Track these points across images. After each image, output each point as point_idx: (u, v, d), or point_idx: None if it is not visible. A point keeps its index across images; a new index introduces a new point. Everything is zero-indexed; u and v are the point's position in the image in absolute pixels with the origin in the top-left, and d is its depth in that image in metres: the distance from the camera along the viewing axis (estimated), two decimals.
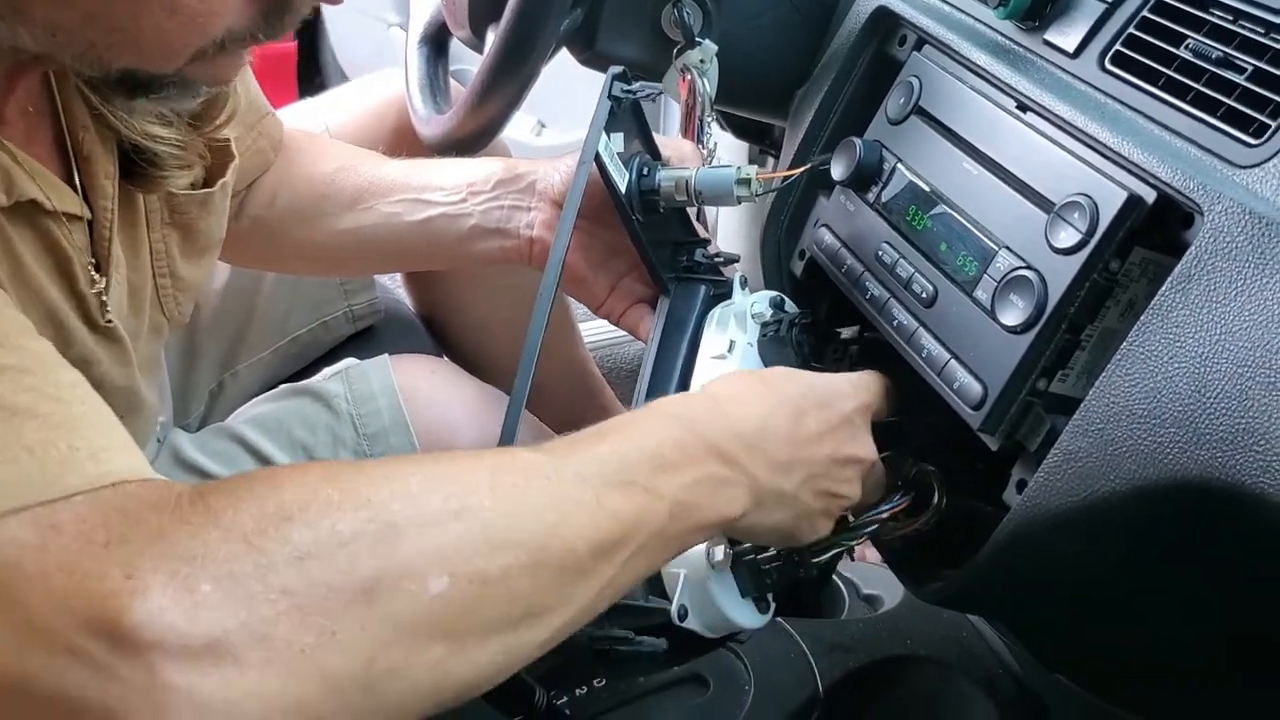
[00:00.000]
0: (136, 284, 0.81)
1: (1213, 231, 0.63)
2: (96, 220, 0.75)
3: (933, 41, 0.88)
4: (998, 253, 0.75)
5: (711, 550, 0.73)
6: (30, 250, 0.68)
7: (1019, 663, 1.07)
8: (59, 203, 0.70)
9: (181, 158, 0.77)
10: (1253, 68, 0.67)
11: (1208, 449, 0.61)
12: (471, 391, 1.06)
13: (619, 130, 0.86)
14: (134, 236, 0.80)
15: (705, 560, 0.73)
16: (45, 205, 0.69)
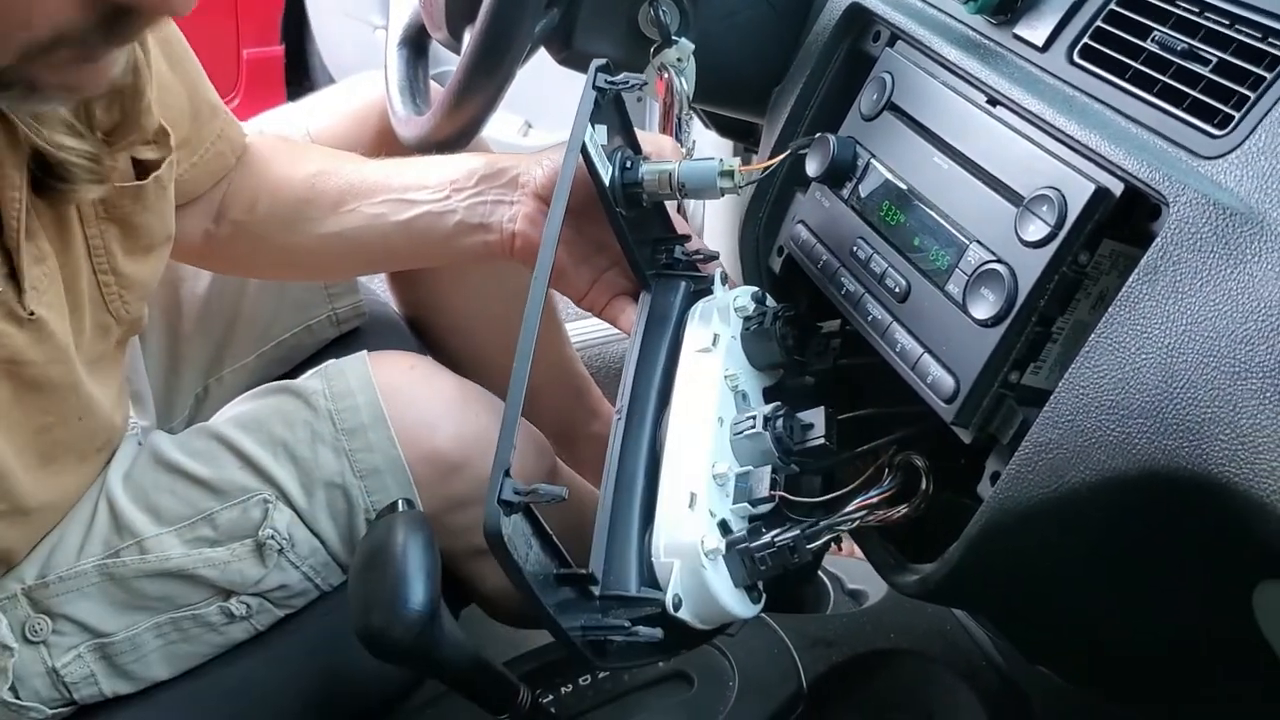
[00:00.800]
0: (69, 278, 0.81)
1: (1178, 223, 0.63)
2: (5, 228, 0.74)
3: (905, 37, 0.88)
4: (969, 246, 0.75)
5: (705, 539, 0.74)
6: None
7: (1001, 655, 1.07)
8: None
9: (94, 170, 0.76)
10: (1217, 59, 0.68)
11: (1175, 438, 0.62)
12: (450, 388, 1.06)
13: (602, 123, 0.86)
14: (63, 230, 0.79)
15: (699, 550, 0.73)
16: None
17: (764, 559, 0.76)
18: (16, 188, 0.74)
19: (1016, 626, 0.90)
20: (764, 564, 0.76)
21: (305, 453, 0.99)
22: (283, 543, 0.97)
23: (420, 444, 1.01)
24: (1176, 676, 0.88)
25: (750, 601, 0.78)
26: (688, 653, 0.82)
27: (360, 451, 1.00)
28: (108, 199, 0.83)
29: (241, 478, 0.97)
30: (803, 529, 0.77)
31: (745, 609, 0.77)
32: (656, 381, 0.86)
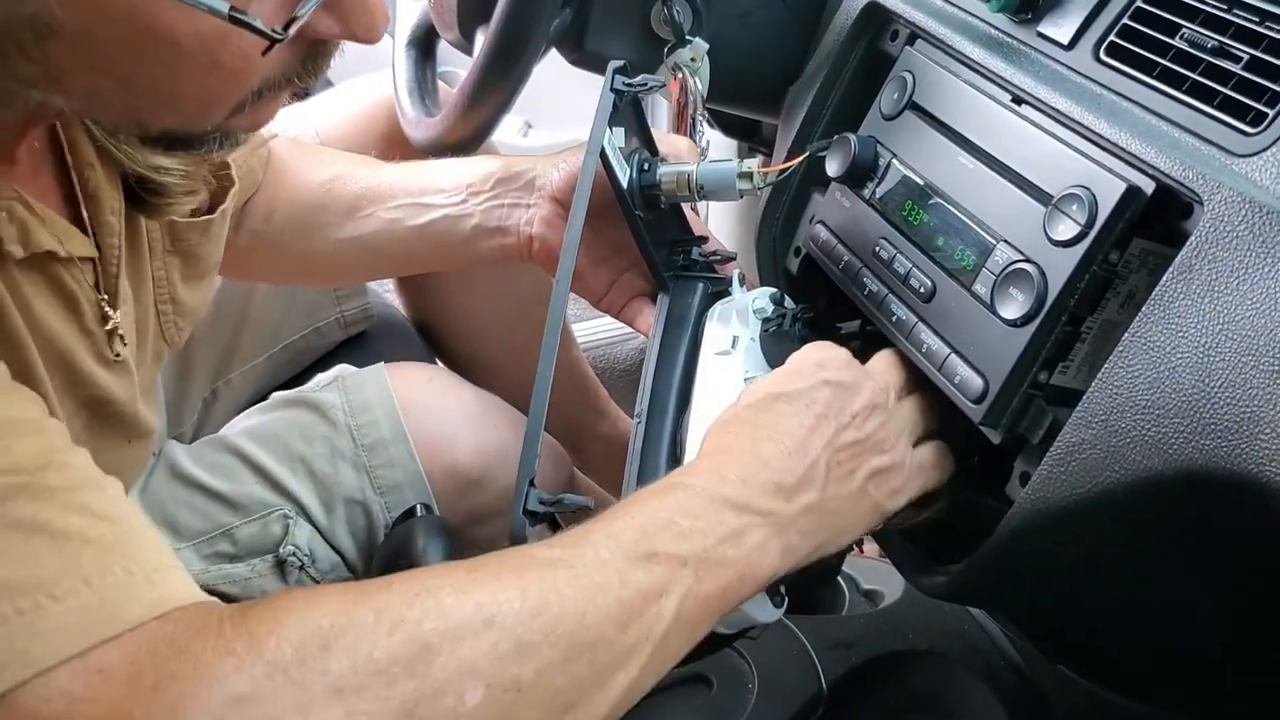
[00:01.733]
0: (140, 314, 0.81)
1: (1213, 221, 0.63)
2: (104, 257, 0.74)
3: (925, 36, 0.88)
4: (996, 246, 0.75)
5: None
6: (41, 295, 0.68)
7: (1020, 654, 1.07)
8: (71, 248, 0.69)
9: (187, 185, 0.76)
10: (1249, 56, 0.67)
11: (1213, 438, 0.61)
12: (470, 400, 1.06)
13: (619, 125, 0.86)
14: (138, 268, 0.80)
15: None
16: (59, 254, 0.68)
17: None
18: (116, 214, 0.74)
19: (1040, 626, 0.90)
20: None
21: (325, 468, 0.98)
22: (304, 559, 0.96)
23: (441, 458, 1.00)
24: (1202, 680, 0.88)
25: (773, 606, 0.77)
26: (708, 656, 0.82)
27: (381, 467, 0.99)
28: (177, 232, 0.83)
29: (260, 493, 0.97)
30: None
31: (767, 613, 0.76)
32: (676, 384, 0.86)
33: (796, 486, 0.68)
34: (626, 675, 0.57)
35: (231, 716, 0.47)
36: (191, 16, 0.53)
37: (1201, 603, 0.77)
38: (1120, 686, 0.93)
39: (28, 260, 0.66)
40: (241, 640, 0.49)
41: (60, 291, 0.70)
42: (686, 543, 0.61)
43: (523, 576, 0.56)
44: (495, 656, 0.52)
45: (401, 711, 0.49)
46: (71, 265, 0.70)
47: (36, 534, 0.51)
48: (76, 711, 0.47)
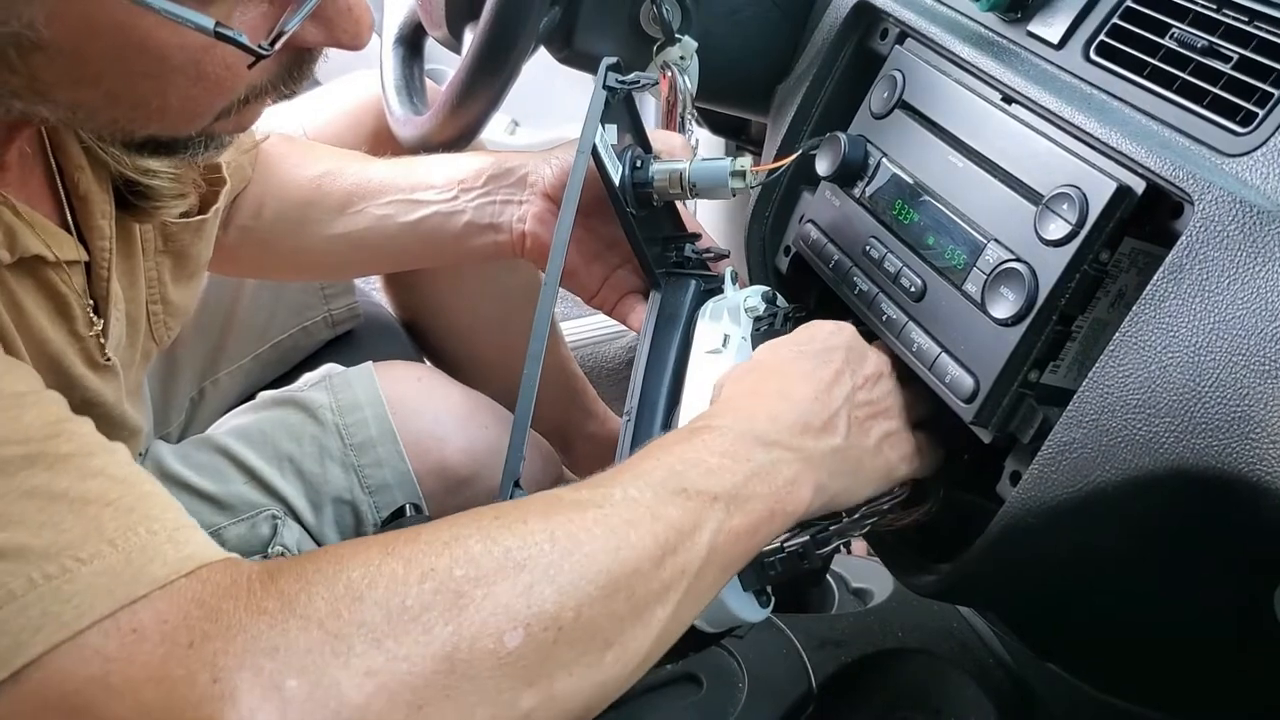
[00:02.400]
0: (133, 315, 0.81)
1: (1204, 221, 0.63)
2: (94, 261, 0.74)
3: (915, 35, 0.88)
4: (986, 245, 0.75)
5: None
6: (31, 299, 0.68)
7: (1009, 652, 1.07)
8: (60, 252, 0.69)
9: (176, 188, 0.76)
10: (1238, 56, 0.68)
11: (1203, 437, 0.62)
12: (458, 399, 1.05)
13: (612, 122, 0.86)
14: (131, 269, 0.79)
15: None
16: (48, 258, 0.68)
17: (774, 564, 0.76)
18: (106, 218, 0.74)
19: (1029, 624, 0.90)
20: (774, 569, 0.76)
21: (313, 468, 0.98)
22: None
23: (429, 457, 1.00)
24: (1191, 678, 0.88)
25: (759, 605, 0.77)
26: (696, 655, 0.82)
27: (369, 467, 0.99)
28: (169, 232, 0.83)
29: (248, 493, 0.96)
30: (813, 534, 0.76)
31: (754, 613, 0.77)
32: (666, 382, 0.86)
33: (823, 429, 0.70)
34: (665, 610, 0.57)
35: (271, 670, 0.47)
36: (178, 31, 0.52)
37: (1191, 601, 0.77)
38: (1109, 684, 0.94)
39: (17, 264, 0.66)
40: (273, 599, 0.49)
41: (51, 295, 0.70)
42: (716, 479, 0.62)
43: (550, 519, 0.56)
44: (530, 598, 0.52)
45: (441, 656, 0.50)
46: (61, 269, 0.70)
47: (55, 500, 0.50)
48: (113, 671, 0.47)
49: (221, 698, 0.46)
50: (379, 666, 0.48)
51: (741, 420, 0.68)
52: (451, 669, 0.49)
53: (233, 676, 0.46)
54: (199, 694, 0.46)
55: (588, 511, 0.57)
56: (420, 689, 0.49)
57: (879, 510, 0.79)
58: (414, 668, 0.49)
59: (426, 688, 0.49)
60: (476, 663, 0.50)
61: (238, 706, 0.46)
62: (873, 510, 0.79)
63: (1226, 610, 0.77)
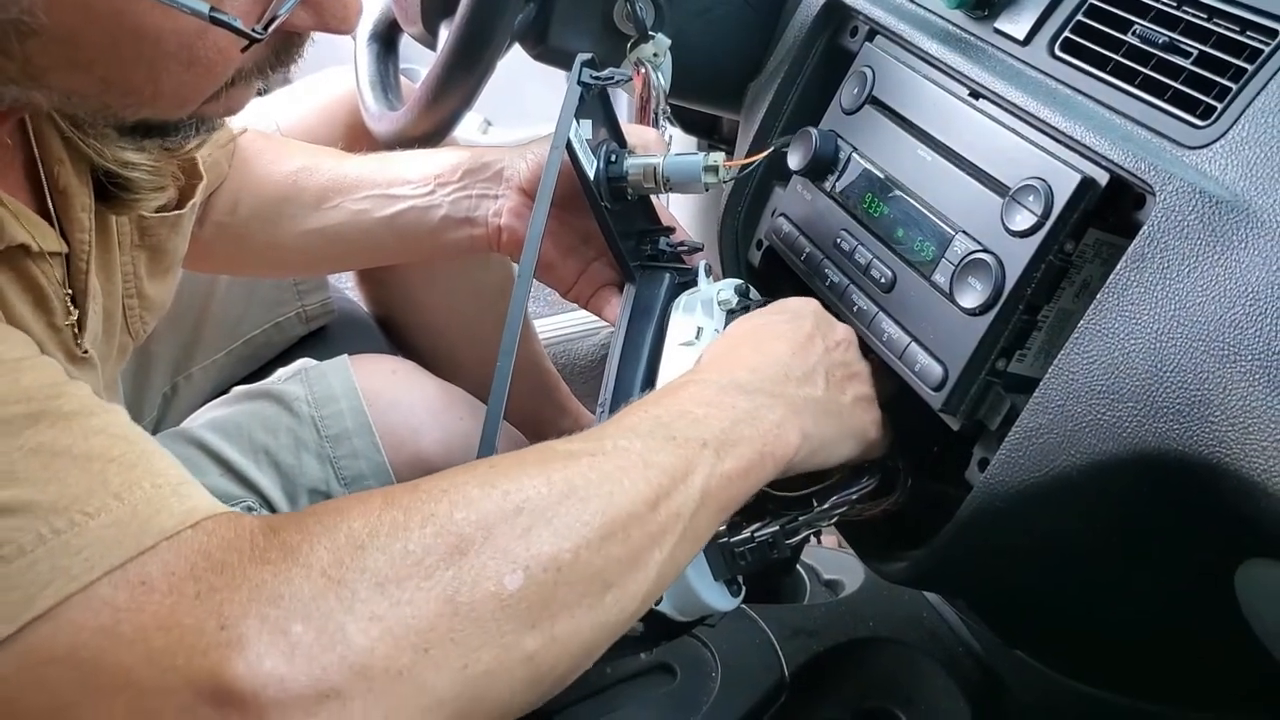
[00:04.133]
0: (110, 309, 0.81)
1: (1165, 211, 0.65)
2: (73, 253, 0.74)
3: (884, 32, 0.90)
4: (954, 237, 0.76)
5: None
6: (13, 289, 0.68)
7: (979, 641, 1.09)
8: (43, 243, 0.69)
9: (155, 181, 0.76)
10: (1198, 52, 0.69)
11: (1165, 421, 0.63)
12: (434, 391, 1.06)
13: (587, 117, 0.86)
14: (108, 263, 0.79)
15: None
16: (32, 248, 0.68)
17: (744, 554, 0.77)
18: (86, 210, 0.74)
19: (997, 611, 0.92)
20: (744, 558, 0.77)
21: (289, 460, 0.98)
22: None
23: (405, 449, 1.00)
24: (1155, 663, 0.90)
25: (730, 595, 0.78)
26: (669, 644, 0.83)
27: (345, 458, 0.99)
28: (146, 226, 0.83)
29: (224, 485, 0.96)
30: (782, 524, 0.77)
31: (725, 602, 0.77)
32: (640, 375, 0.86)
33: (802, 379, 0.72)
34: (662, 553, 0.59)
35: (277, 617, 0.48)
36: (172, 16, 0.53)
37: (1155, 585, 0.79)
38: (1076, 670, 0.95)
39: (1, 255, 0.66)
40: (276, 550, 0.50)
41: (31, 287, 0.70)
42: (703, 426, 0.64)
43: (546, 466, 0.58)
44: (529, 540, 0.53)
45: (444, 598, 0.50)
46: (42, 260, 0.70)
47: (60, 456, 0.51)
48: (122, 621, 0.47)
49: (229, 644, 0.47)
50: (383, 611, 0.49)
51: (723, 373, 0.70)
52: (455, 611, 0.50)
53: (240, 624, 0.47)
54: (207, 641, 0.47)
55: (581, 459, 0.59)
56: (424, 632, 0.49)
57: (848, 500, 0.80)
58: (417, 611, 0.50)
59: (430, 630, 0.50)
60: (479, 605, 0.51)
61: (245, 652, 0.46)
62: (842, 499, 0.80)
63: (1190, 594, 0.79)
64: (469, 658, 0.50)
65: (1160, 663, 0.89)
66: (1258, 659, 0.75)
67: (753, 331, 0.76)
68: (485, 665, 0.51)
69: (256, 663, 0.46)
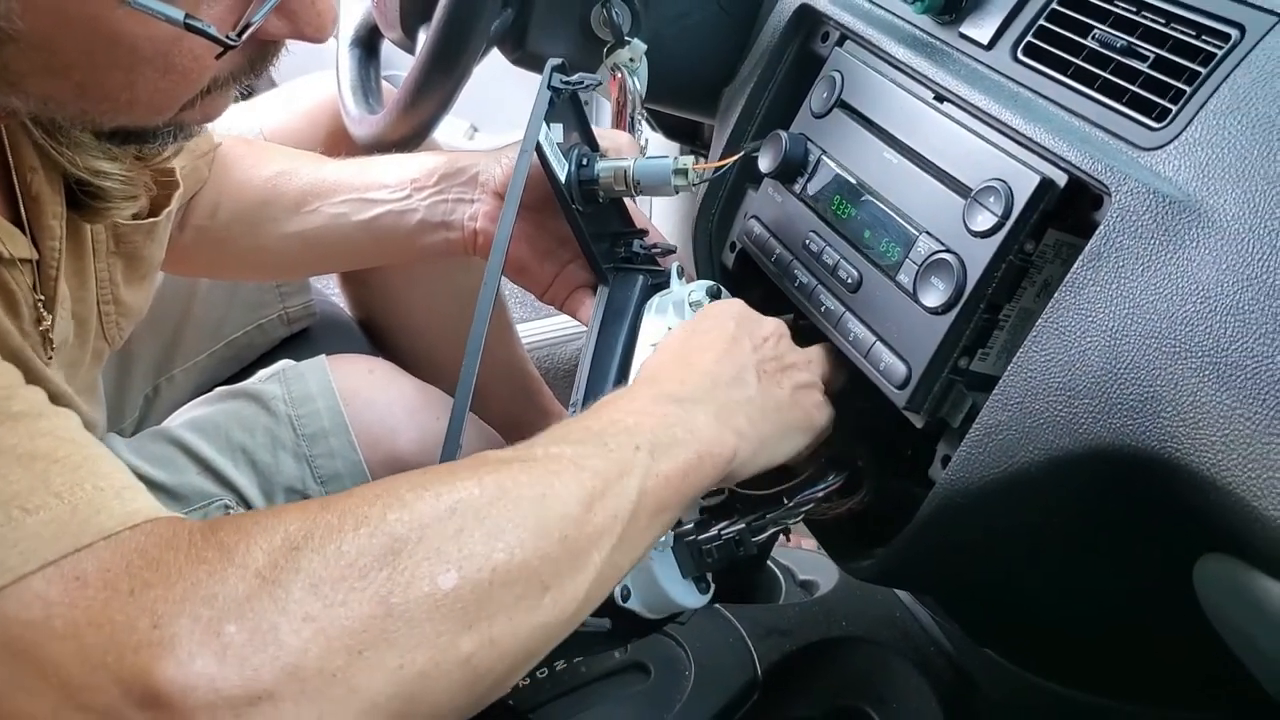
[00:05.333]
0: (83, 315, 0.81)
1: (1120, 211, 0.66)
2: (44, 260, 0.75)
3: (854, 37, 0.91)
4: (918, 238, 0.78)
5: None
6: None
7: (950, 640, 1.10)
8: (13, 250, 0.70)
9: (127, 190, 0.77)
10: (1154, 56, 0.71)
11: (1120, 417, 0.64)
12: (410, 391, 1.06)
13: (558, 121, 0.87)
14: (80, 269, 0.80)
15: None
16: (3, 255, 0.69)
17: (711, 551, 0.78)
18: (57, 218, 0.74)
19: (965, 609, 0.93)
20: (711, 556, 0.78)
21: (265, 458, 0.99)
22: None
23: (381, 448, 1.01)
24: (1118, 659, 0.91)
25: (699, 592, 0.79)
26: (644, 643, 0.84)
27: (321, 457, 1.00)
28: (121, 234, 0.84)
29: (201, 483, 0.97)
30: (749, 522, 0.78)
31: (693, 599, 0.78)
32: (612, 375, 0.87)
33: (732, 382, 0.73)
34: (600, 555, 0.59)
35: (210, 617, 0.48)
36: (147, 23, 0.54)
37: (1115, 582, 0.80)
38: (1043, 668, 0.97)
39: None
40: (212, 550, 0.51)
41: (3, 293, 0.71)
42: (635, 433, 0.65)
43: (477, 471, 0.58)
44: (461, 541, 0.54)
45: (377, 599, 0.51)
46: (13, 267, 0.71)
47: (3, 455, 0.52)
48: (54, 615, 0.48)
49: (161, 643, 0.47)
50: (316, 612, 0.49)
51: (651, 388, 0.71)
52: (389, 612, 0.51)
53: (172, 623, 0.47)
54: (139, 639, 0.47)
55: (513, 465, 0.59)
56: (358, 633, 0.50)
57: (813, 498, 0.81)
58: (351, 612, 0.50)
59: (364, 632, 0.50)
60: (413, 605, 0.51)
61: (176, 650, 0.47)
62: (807, 498, 0.81)
63: (1150, 590, 0.80)
64: (404, 659, 0.51)
65: (1124, 659, 0.90)
66: (1219, 654, 0.76)
67: (678, 345, 0.78)
68: (420, 666, 0.51)
69: (187, 662, 0.47)
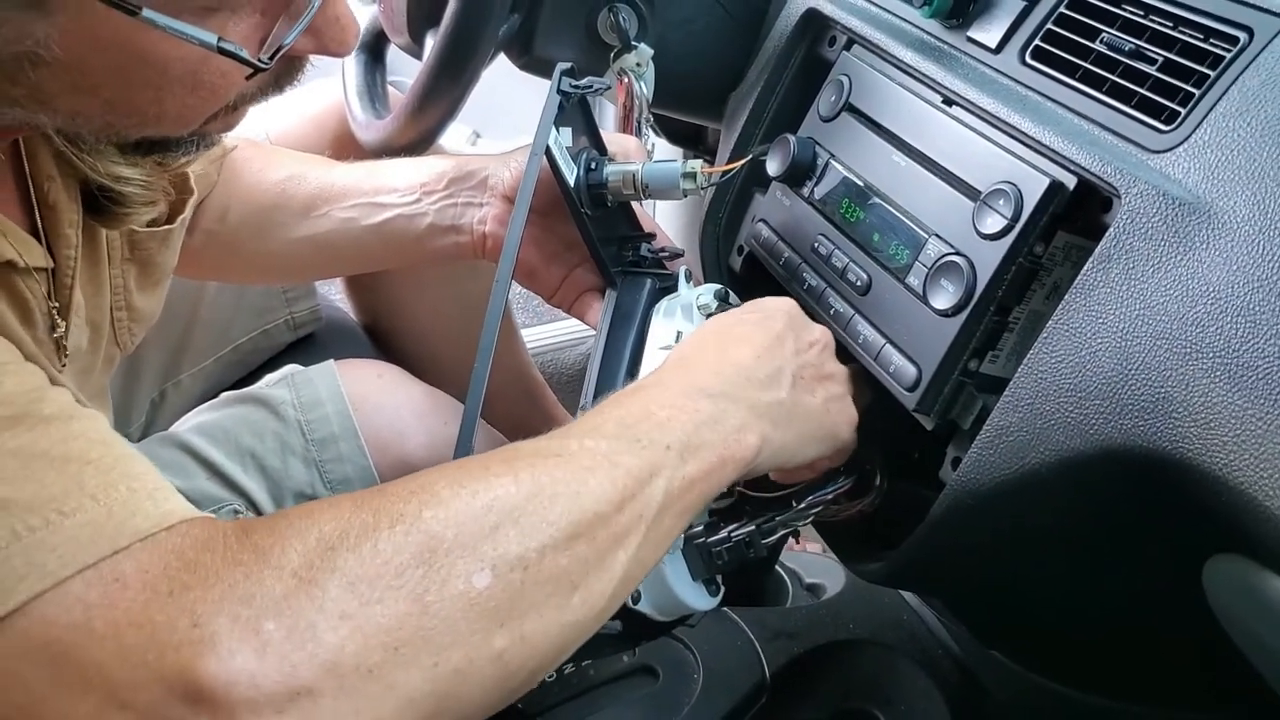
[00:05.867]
0: (96, 321, 0.82)
1: (1130, 213, 0.66)
2: (59, 268, 0.75)
3: (861, 41, 0.91)
4: (928, 240, 0.78)
5: None
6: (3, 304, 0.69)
7: (957, 643, 1.10)
8: (29, 259, 0.70)
9: (147, 195, 0.78)
10: (1163, 59, 0.71)
11: (1132, 418, 0.65)
12: (419, 396, 1.07)
13: (567, 125, 0.88)
14: (96, 276, 0.81)
15: None
16: (18, 264, 0.69)
17: (721, 553, 0.78)
18: (74, 226, 0.75)
19: (974, 610, 0.93)
20: (721, 558, 0.78)
21: (275, 463, 0.99)
22: None
23: (390, 453, 1.01)
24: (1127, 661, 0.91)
25: (709, 594, 0.79)
26: (651, 646, 0.84)
27: (331, 462, 1.00)
28: (136, 240, 0.84)
29: (210, 488, 0.97)
30: (759, 524, 0.78)
31: (704, 602, 0.78)
32: (620, 378, 0.88)
33: (766, 382, 0.72)
34: (626, 554, 0.59)
35: (249, 616, 0.48)
36: (179, 44, 0.55)
37: (1125, 583, 0.80)
38: (1051, 670, 0.97)
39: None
40: (248, 552, 0.51)
41: (16, 301, 0.71)
42: (667, 430, 0.64)
43: (513, 465, 0.58)
44: (497, 539, 0.54)
45: (413, 597, 0.51)
46: (28, 275, 0.71)
47: (37, 458, 0.52)
48: (95, 617, 0.48)
49: (201, 640, 0.47)
50: (353, 610, 0.50)
51: (685, 376, 0.70)
52: (424, 610, 0.51)
53: (212, 621, 0.48)
54: (179, 637, 0.48)
55: (548, 459, 0.60)
56: (394, 630, 0.50)
57: (823, 500, 0.81)
58: (388, 610, 0.50)
59: (400, 629, 0.50)
60: (448, 603, 0.52)
61: (217, 648, 0.47)
62: (817, 500, 0.81)
63: (1159, 591, 0.80)
64: (439, 656, 0.51)
65: (1132, 661, 0.90)
66: (1227, 655, 0.76)
67: (720, 333, 0.77)
68: (455, 664, 0.52)
69: (228, 659, 0.47)
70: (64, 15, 0.53)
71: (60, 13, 0.52)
